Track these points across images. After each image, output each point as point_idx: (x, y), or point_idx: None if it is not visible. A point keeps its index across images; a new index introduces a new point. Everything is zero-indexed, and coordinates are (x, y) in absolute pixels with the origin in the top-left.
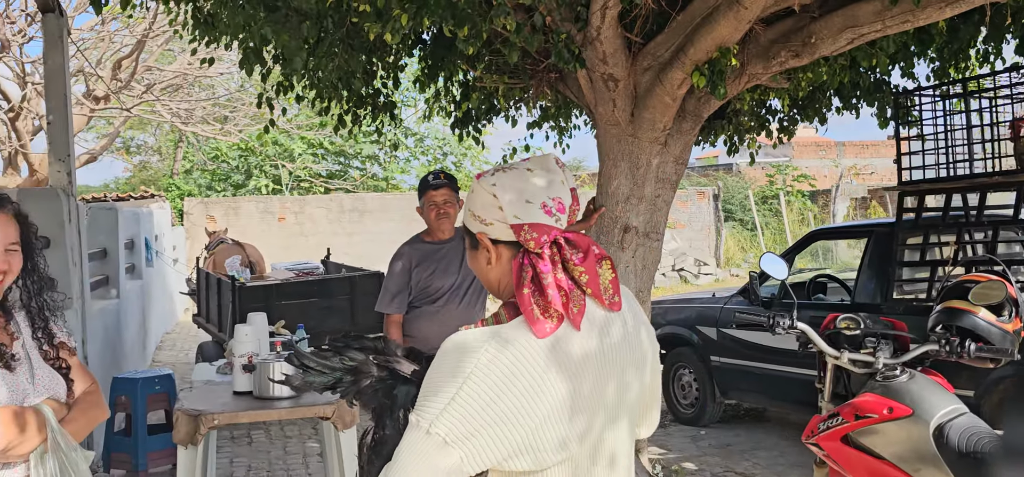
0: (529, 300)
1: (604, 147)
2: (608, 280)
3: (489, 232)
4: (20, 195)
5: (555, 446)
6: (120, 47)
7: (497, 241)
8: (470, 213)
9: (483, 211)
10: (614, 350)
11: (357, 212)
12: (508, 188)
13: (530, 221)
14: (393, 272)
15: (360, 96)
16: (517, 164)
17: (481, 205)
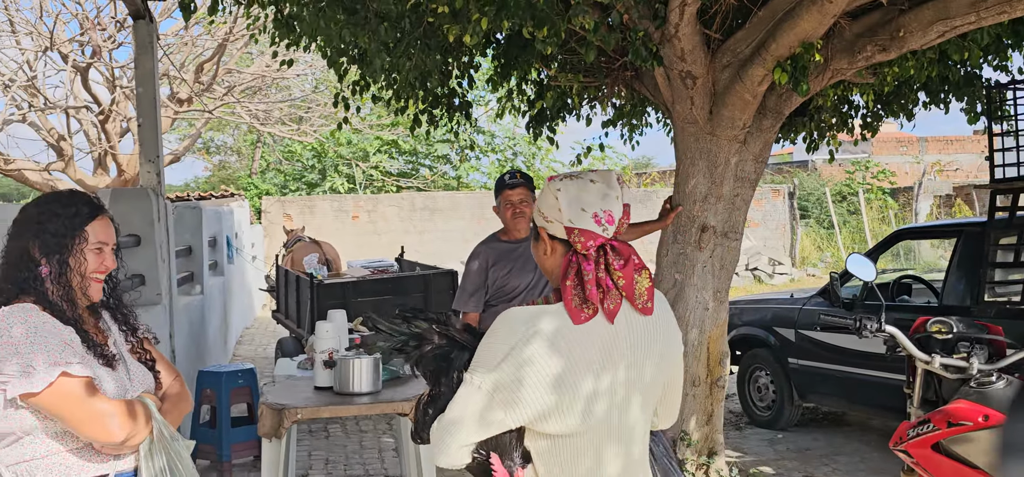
0: (570, 291)
1: (681, 145)
2: (644, 288)
3: (548, 228)
4: (113, 195)
5: (580, 415)
6: (202, 51)
7: (554, 237)
8: (537, 210)
9: (547, 210)
10: (640, 345)
11: (428, 211)
12: (568, 194)
13: (581, 227)
14: (470, 271)
15: (436, 96)
16: (583, 173)
17: (546, 205)
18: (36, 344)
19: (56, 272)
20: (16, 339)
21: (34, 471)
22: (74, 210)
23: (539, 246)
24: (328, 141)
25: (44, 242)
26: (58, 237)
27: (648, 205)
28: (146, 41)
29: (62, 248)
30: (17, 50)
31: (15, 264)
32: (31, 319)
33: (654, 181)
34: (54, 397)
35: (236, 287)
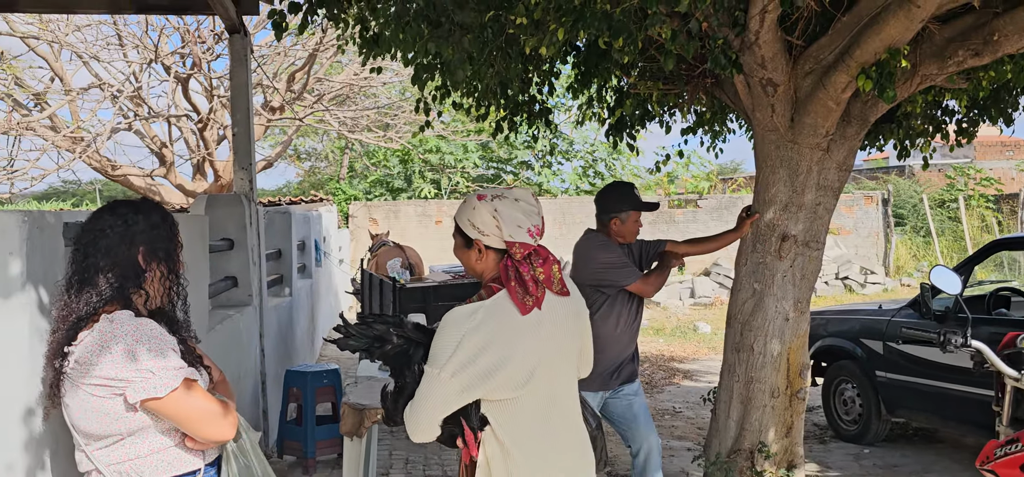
0: (515, 289)
1: (762, 153)
2: (558, 276)
3: (484, 240)
4: (209, 201)
5: (523, 383)
6: (294, 61)
7: (489, 247)
8: (469, 222)
9: (483, 225)
10: (562, 320)
11: None
12: (506, 215)
13: (520, 240)
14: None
15: (516, 103)
16: (506, 192)
17: (481, 221)
18: (152, 349)
19: (160, 278)
20: (131, 345)
21: (141, 469)
22: (172, 220)
23: (470, 252)
24: (414, 147)
25: (152, 249)
26: (166, 244)
27: (734, 211)
28: (241, 54)
29: (169, 256)
30: (124, 63)
31: (121, 269)
32: (143, 326)
33: (740, 187)
34: (177, 401)
35: (323, 289)
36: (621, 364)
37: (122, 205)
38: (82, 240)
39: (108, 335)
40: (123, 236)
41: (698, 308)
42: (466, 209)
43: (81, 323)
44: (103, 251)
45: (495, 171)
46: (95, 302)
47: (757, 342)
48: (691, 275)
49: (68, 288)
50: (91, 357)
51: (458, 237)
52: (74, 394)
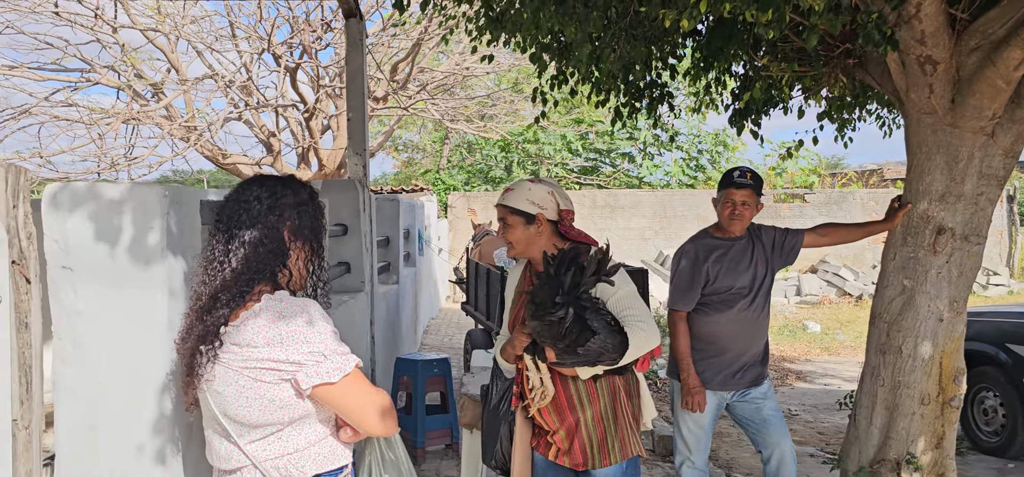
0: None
1: (916, 138)
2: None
3: (545, 214)
4: (324, 186)
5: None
6: (397, 51)
7: (548, 219)
8: (529, 201)
9: (542, 201)
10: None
11: (609, 208)
12: (556, 192)
13: (569, 208)
14: (681, 268)
15: (638, 87)
16: (547, 179)
17: (540, 197)
18: (322, 332)
19: (303, 259)
20: (300, 327)
21: (302, 463)
22: (318, 200)
23: (531, 229)
24: (513, 137)
25: (299, 226)
26: (312, 222)
27: (844, 206)
28: (357, 38)
29: (314, 235)
30: (236, 53)
31: (269, 243)
32: (309, 307)
33: (850, 180)
34: (348, 388)
35: (424, 278)
36: (745, 364)
37: (269, 178)
38: (226, 211)
39: (275, 314)
40: (271, 207)
41: (805, 307)
42: (522, 191)
43: (234, 302)
44: (249, 222)
45: (594, 162)
46: (246, 279)
47: (906, 344)
48: (797, 272)
49: (210, 263)
50: (256, 338)
51: (515, 217)
52: (231, 379)
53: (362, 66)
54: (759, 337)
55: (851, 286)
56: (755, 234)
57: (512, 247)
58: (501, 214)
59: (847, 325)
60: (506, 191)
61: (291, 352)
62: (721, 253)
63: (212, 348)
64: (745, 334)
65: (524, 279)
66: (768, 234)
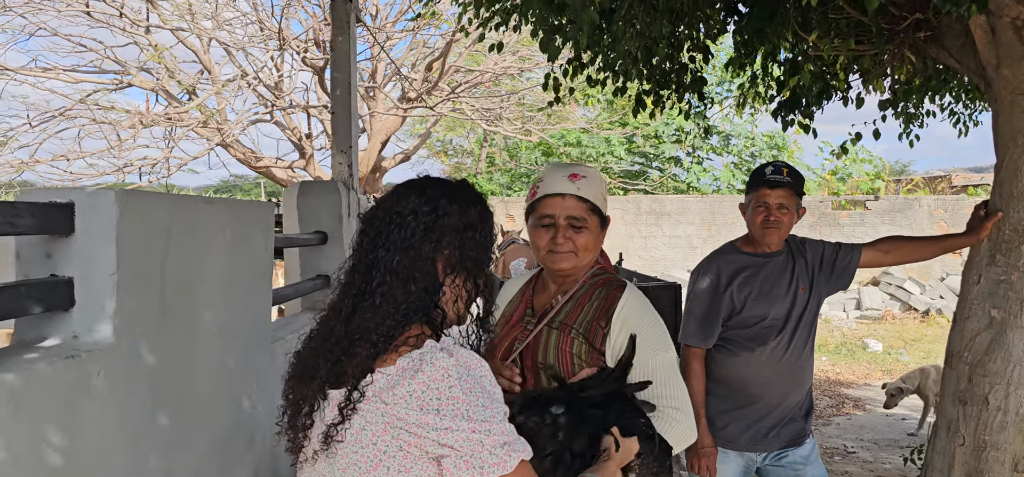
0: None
1: (1009, 127)
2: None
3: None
4: (301, 188)
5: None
6: (433, 51)
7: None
8: (604, 198)
9: (605, 194)
10: None
11: (654, 214)
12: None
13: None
14: (698, 291)
15: (663, 72)
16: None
17: (604, 190)
18: (491, 409)
19: (463, 298)
20: (463, 395)
21: None
22: (491, 220)
23: (601, 235)
24: (556, 140)
25: (462, 256)
26: (477, 252)
27: (909, 214)
28: (343, 21)
29: (477, 269)
30: (263, 52)
31: (419, 284)
32: (474, 367)
33: (917, 187)
34: None
35: None
36: (782, 419)
37: (434, 185)
38: (375, 224)
39: (439, 371)
40: (428, 229)
41: (866, 323)
42: (597, 179)
43: (381, 345)
44: (400, 246)
45: (640, 166)
46: (395, 319)
47: (994, 393)
48: (858, 284)
49: (346, 289)
50: (410, 398)
51: (594, 216)
52: (369, 440)
53: (349, 53)
54: (800, 383)
55: (917, 300)
56: (796, 249)
57: (574, 257)
58: (571, 210)
59: (912, 344)
60: (573, 177)
61: (447, 425)
62: (751, 273)
63: (350, 402)
64: (781, 379)
65: (523, 298)
66: (814, 250)
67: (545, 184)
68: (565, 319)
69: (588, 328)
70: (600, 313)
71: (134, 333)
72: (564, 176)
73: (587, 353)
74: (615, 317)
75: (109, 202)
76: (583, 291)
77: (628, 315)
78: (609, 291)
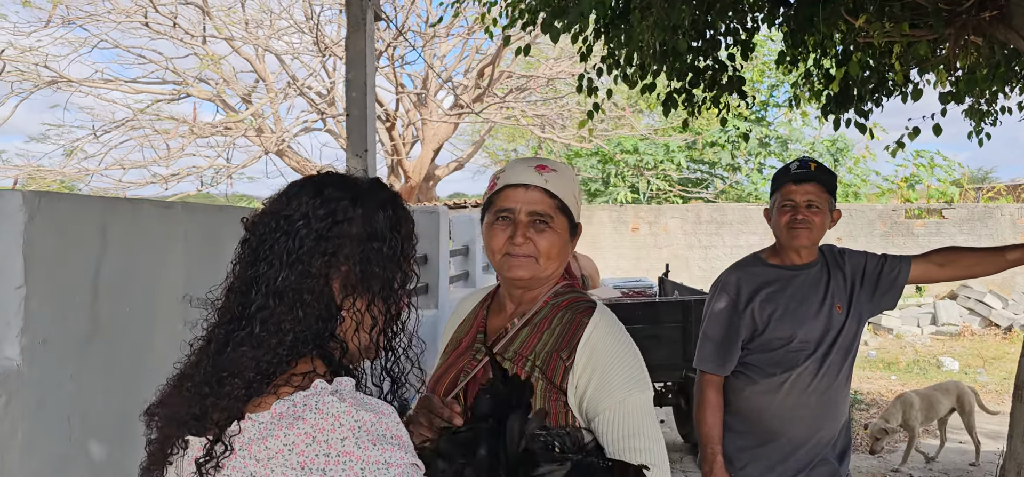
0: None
1: None
2: None
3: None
4: None
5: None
6: (485, 56)
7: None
8: (576, 201)
9: (577, 196)
10: None
11: (715, 224)
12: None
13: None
14: (714, 310)
15: (695, 69)
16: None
17: (577, 190)
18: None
19: (368, 323)
20: (356, 450)
21: None
22: (409, 222)
23: (571, 244)
24: (611, 147)
25: (364, 273)
26: (390, 268)
27: (989, 224)
28: (359, 18)
29: (389, 287)
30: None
31: (309, 309)
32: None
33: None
34: None
35: None
36: (812, 459)
37: (335, 183)
38: (256, 234)
39: (329, 419)
40: (322, 239)
41: (941, 339)
42: (569, 176)
43: (255, 385)
44: (286, 260)
45: (700, 174)
46: (277, 352)
47: None
48: (933, 298)
49: (223, 313)
50: (289, 454)
51: (562, 218)
52: None
53: (364, 52)
54: (832, 416)
55: (999, 315)
56: (832, 260)
57: (534, 264)
58: (534, 204)
59: (992, 363)
60: (541, 168)
61: None
62: (776, 288)
63: (211, 456)
64: (809, 412)
65: (475, 320)
66: (854, 262)
67: (507, 174)
68: (520, 348)
69: (547, 360)
70: (562, 342)
71: (50, 355)
72: (530, 167)
73: (545, 391)
74: (581, 347)
75: (15, 205)
76: (543, 314)
77: (597, 345)
78: (574, 315)
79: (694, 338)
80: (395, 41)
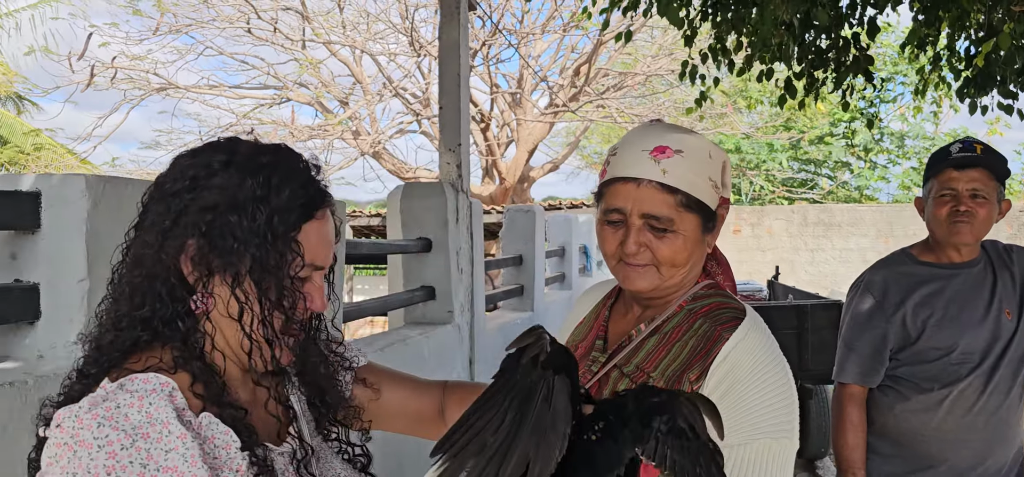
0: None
1: None
2: None
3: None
4: (405, 190)
5: None
6: (581, 55)
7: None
8: (713, 184)
9: (723, 178)
10: None
11: (822, 225)
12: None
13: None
14: (857, 314)
15: (818, 50)
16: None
17: (722, 172)
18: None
19: (231, 312)
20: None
21: None
22: (285, 187)
23: (709, 238)
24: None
25: (211, 247)
26: (254, 244)
27: None
28: (452, 7)
29: (257, 268)
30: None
31: (147, 286)
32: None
33: None
34: None
35: None
36: None
37: (216, 147)
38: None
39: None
40: (169, 207)
41: None
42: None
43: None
44: (144, 229)
45: (807, 174)
46: (123, 337)
47: None
48: None
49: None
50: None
51: (690, 216)
52: None
53: (458, 41)
54: (1003, 440)
55: None
56: (998, 259)
57: (655, 274)
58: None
59: None
60: (659, 151)
61: None
62: (933, 290)
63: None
64: (974, 435)
65: (596, 321)
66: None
67: (617, 161)
68: (644, 361)
69: (673, 379)
70: (695, 358)
71: None
72: (645, 151)
73: None
74: (714, 368)
75: (77, 191)
76: (676, 321)
77: (737, 365)
78: (713, 326)
79: (810, 345)
80: (490, 39)
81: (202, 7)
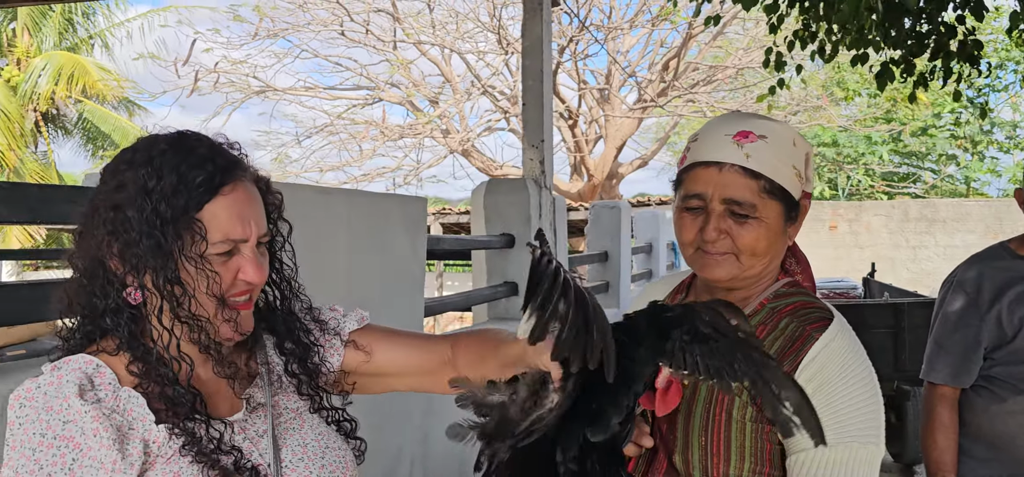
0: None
1: None
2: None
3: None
4: (489, 186)
5: None
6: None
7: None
8: (797, 173)
9: (807, 169)
10: None
11: (925, 221)
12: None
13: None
14: (949, 311)
15: (918, 36)
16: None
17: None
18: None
19: (157, 301)
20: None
21: None
22: (175, 172)
23: (790, 230)
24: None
25: (123, 244)
26: (148, 234)
27: None
28: (535, 3)
29: (160, 255)
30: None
31: (88, 284)
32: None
33: None
34: None
35: None
36: None
37: (143, 142)
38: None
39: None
40: (93, 212)
41: None
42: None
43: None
44: (78, 243)
45: (909, 168)
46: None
47: None
48: None
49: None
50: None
51: (773, 203)
52: None
53: (540, 37)
54: None
55: None
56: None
57: (735, 262)
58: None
59: None
60: (742, 135)
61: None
62: None
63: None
64: None
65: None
66: None
67: (698, 146)
68: None
69: None
70: (783, 357)
71: None
72: (728, 135)
73: (754, 420)
74: (804, 367)
75: None
76: (759, 320)
77: (827, 365)
78: (802, 326)
79: (907, 345)
80: (578, 36)
81: (298, 12)
